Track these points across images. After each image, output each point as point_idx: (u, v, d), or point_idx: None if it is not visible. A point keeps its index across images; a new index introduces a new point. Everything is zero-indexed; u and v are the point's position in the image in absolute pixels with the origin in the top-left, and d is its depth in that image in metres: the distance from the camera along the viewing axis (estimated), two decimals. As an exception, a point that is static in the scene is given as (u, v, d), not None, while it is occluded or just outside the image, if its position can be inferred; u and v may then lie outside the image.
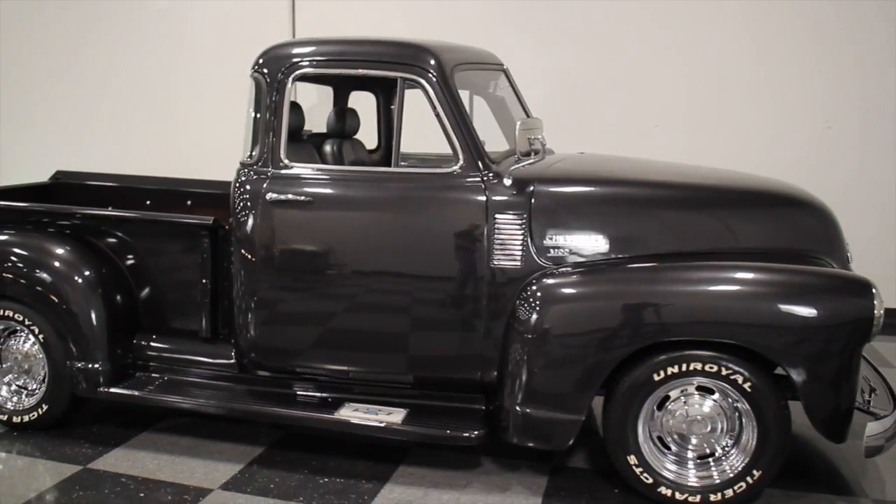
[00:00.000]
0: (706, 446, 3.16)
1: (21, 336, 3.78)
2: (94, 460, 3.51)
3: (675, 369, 3.05)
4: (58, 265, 3.66)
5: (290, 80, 3.45)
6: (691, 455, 3.17)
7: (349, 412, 3.39)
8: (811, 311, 2.95)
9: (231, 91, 4.95)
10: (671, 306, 3.04)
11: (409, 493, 3.27)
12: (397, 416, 3.34)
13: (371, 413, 3.37)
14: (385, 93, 4.58)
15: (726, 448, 3.14)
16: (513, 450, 3.28)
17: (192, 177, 4.77)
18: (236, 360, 3.64)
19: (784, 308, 2.98)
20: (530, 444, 3.18)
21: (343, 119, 4.20)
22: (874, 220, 5.56)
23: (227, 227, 3.58)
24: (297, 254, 3.45)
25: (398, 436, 3.30)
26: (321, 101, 4.97)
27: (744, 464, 3.09)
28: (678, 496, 3.12)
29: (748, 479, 3.08)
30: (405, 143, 4.52)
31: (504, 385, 3.22)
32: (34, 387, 3.78)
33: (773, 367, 3.04)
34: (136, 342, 3.76)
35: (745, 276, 3.07)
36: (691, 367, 3.04)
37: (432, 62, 3.33)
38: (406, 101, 3.35)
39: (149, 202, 4.71)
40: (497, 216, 3.25)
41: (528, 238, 3.24)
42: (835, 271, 3.16)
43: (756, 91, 5.87)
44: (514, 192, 3.26)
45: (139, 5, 6.86)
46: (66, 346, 3.62)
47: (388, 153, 4.61)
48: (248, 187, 3.47)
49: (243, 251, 3.47)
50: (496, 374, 3.29)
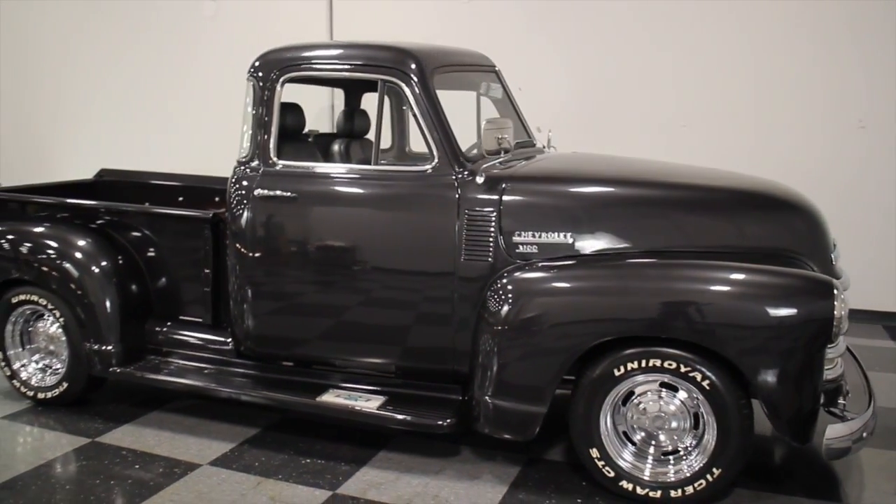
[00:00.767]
0: (669, 443, 3.19)
1: (47, 319, 4.13)
2: (102, 434, 3.81)
3: (635, 364, 3.09)
4: (79, 255, 3.98)
5: (280, 83, 3.65)
6: (652, 451, 3.20)
7: (331, 398, 3.57)
8: (768, 310, 2.95)
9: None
10: (629, 303, 3.09)
11: (382, 475, 3.42)
12: (374, 402, 3.50)
13: (350, 399, 3.54)
14: (396, 94, 4.72)
15: (689, 447, 3.16)
16: (492, 440, 3.36)
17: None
18: (233, 347, 3.88)
19: (740, 307, 2.98)
20: (499, 434, 3.28)
21: (352, 120, 4.39)
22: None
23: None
24: (284, 247, 3.65)
25: (372, 420, 3.45)
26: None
27: (702, 463, 3.10)
28: (639, 491, 3.16)
29: (708, 476, 3.09)
30: (415, 143, 4.67)
31: (475, 376, 3.33)
32: (57, 366, 4.13)
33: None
34: (148, 327, 4.05)
35: (705, 274, 3.08)
36: (650, 364, 3.07)
37: (412, 65, 3.47)
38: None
39: (181, 198, 5.01)
40: (468, 213, 3.36)
41: (498, 235, 3.34)
42: (797, 271, 3.11)
43: (789, 90, 5.77)
44: (485, 190, 3.37)
45: (186, 11, 7.25)
46: (84, 329, 3.94)
47: (400, 153, 4.77)
48: (242, 183, 3.69)
49: (237, 244, 3.70)
50: (469, 366, 3.41)
